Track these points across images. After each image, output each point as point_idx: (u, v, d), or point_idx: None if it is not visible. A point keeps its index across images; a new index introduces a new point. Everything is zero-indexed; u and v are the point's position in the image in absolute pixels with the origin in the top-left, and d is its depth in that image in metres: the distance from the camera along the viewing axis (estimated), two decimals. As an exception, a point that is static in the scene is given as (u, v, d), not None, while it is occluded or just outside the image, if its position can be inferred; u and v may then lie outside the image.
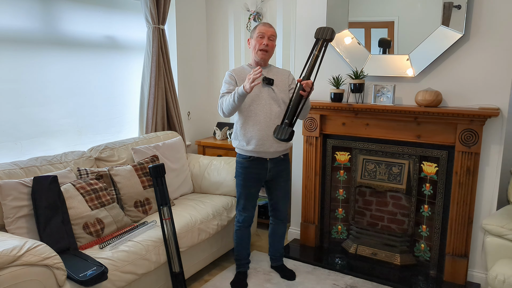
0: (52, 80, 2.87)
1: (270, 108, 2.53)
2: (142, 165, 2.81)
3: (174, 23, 3.71)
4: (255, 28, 2.56)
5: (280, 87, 2.59)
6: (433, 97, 2.59)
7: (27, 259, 1.75)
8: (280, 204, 2.76)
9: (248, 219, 2.71)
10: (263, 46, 2.51)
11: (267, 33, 2.52)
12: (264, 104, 2.53)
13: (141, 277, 2.29)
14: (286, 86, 2.62)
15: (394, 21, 2.78)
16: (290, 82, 2.65)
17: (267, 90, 2.55)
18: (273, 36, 2.55)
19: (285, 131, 2.32)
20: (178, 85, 3.81)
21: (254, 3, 3.77)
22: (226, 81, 2.58)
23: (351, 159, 3.10)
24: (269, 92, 2.55)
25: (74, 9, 2.97)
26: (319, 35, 2.35)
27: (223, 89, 2.57)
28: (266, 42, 2.51)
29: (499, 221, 2.29)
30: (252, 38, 2.57)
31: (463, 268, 2.69)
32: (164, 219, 2.40)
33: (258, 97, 2.53)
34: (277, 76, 2.60)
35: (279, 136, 2.33)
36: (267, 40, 2.52)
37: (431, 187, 2.82)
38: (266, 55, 2.54)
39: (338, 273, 2.88)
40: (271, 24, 2.64)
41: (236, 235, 2.76)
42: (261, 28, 2.53)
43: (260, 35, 2.52)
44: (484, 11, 2.51)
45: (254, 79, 2.27)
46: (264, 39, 2.51)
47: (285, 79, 2.62)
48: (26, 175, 2.33)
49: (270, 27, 2.55)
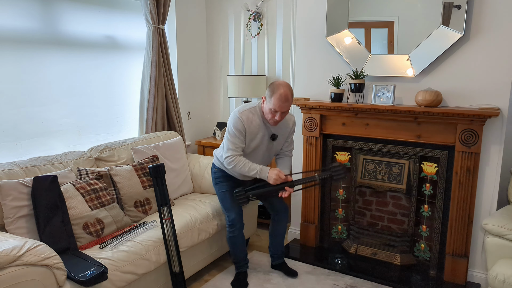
0: (52, 80, 2.87)
1: (263, 158, 2.67)
2: (142, 165, 2.81)
3: (174, 23, 3.71)
4: (271, 96, 2.41)
5: (280, 140, 2.68)
6: (433, 97, 2.59)
7: (27, 259, 1.75)
8: (275, 203, 2.77)
9: (237, 219, 2.64)
10: (274, 120, 2.49)
11: (281, 110, 2.43)
12: (261, 155, 2.65)
13: (141, 277, 2.29)
14: (286, 137, 2.71)
15: (394, 21, 2.78)
16: (290, 134, 2.71)
17: (267, 144, 2.63)
18: (288, 111, 2.49)
19: (244, 199, 2.50)
20: (178, 85, 3.81)
21: (254, 3, 3.77)
22: (237, 135, 2.49)
23: (351, 159, 3.10)
24: (268, 146, 2.64)
25: (74, 9, 2.97)
26: (332, 171, 2.51)
27: (233, 140, 2.50)
28: (278, 119, 2.47)
29: (499, 221, 2.29)
30: (266, 102, 2.47)
31: (463, 268, 2.69)
32: (164, 219, 2.40)
33: (258, 147, 2.61)
34: (281, 129, 2.65)
35: (237, 201, 2.50)
36: (280, 116, 2.46)
37: (431, 187, 2.82)
38: (277, 124, 2.56)
39: (338, 273, 2.88)
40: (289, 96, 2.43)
41: (230, 242, 2.71)
42: (276, 105, 2.40)
43: (274, 110, 2.44)
44: (484, 11, 2.51)
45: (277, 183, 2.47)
46: (277, 114, 2.45)
47: (287, 132, 2.68)
48: (26, 175, 2.32)
49: (287, 101, 2.41)
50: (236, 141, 2.51)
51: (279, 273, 2.87)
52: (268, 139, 2.61)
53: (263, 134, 2.57)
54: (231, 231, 2.67)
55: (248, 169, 2.51)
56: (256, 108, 2.56)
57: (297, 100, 3.07)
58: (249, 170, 2.51)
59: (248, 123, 2.50)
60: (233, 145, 2.51)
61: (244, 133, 2.51)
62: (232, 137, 2.51)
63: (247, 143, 2.55)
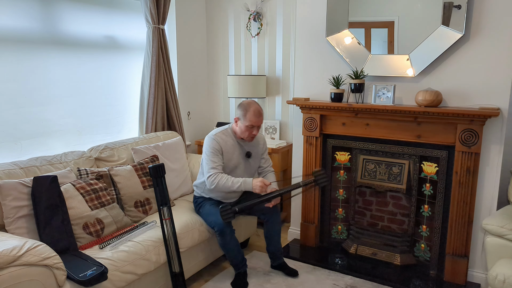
0: (52, 80, 2.87)
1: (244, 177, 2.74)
2: (142, 165, 2.81)
3: (174, 23, 3.71)
4: (245, 114, 2.62)
5: (255, 158, 2.85)
6: (433, 97, 2.59)
7: (27, 259, 1.75)
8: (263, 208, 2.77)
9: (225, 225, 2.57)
10: (252, 135, 2.68)
11: (257, 124, 2.64)
12: (241, 174, 2.75)
13: (141, 277, 2.29)
14: (260, 155, 2.88)
15: (394, 21, 2.78)
16: (263, 152, 2.90)
17: (244, 162, 2.77)
18: (261, 124, 2.69)
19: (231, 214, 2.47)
20: (178, 85, 3.81)
21: (254, 3, 3.77)
22: (214, 153, 2.63)
23: (351, 159, 3.10)
24: (246, 165, 2.78)
25: (74, 9, 2.97)
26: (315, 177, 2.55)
27: (212, 159, 2.62)
28: (255, 133, 2.68)
29: (499, 221, 2.29)
30: (241, 121, 2.66)
31: (463, 268, 2.69)
32: (164, 219, 2.40)
33: (237, 167, 2.75)
34: (254, 148, 2.83)
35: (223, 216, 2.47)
36: (256, 130, 2.67)
37: (431, 187, 2.82)
38: (253, 140, 2.75)
39: (338, 273, 2.88)
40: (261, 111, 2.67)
41: (224, 249, 2.66)
42: (252, 120, 2.61)
43: (251, 126, 2.63)
44: (484, 11, 2.51)
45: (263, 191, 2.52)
46: (253, 129, 2.65)
47: (260, 150, 2.87)
48: (26, 175, 2.32)
49: (261, 115, 2.65)
50: (215, 159, 2.63)
51: (279, 273, 2.87)
52: (244, 157, 2.77)
53: (238, 153, 2.74)
54: (222, 239, 2.60)
55: (231, 183, 2.58)
56: (228, 130, 2.76)
57: (297, 100, 3.07)
58: (232, 184, 2.57)
59: (223, 143, 2.67)
60: (213, 163, 2.62)
61: (221, 152, 2.66)
62: (211, 156, 2.63)
63: (226, 163, 2.69)
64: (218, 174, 2.60)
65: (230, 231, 2.61)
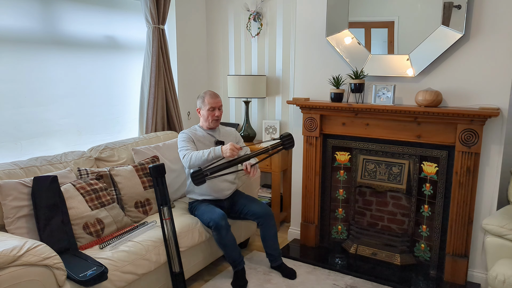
0: (52, 80, 2.87)
1: None
2: (142, 166, 2.81)
3: (174, 23, 3.71)
4: (203, 100, 2.80)
5: None
6: (433, 97, 2.59)
7: (27, 259, 1.75)
8: (253, 207, 2.79)
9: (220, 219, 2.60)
10: (215, 118, 2.81)
11: (217, 105, 2.80)
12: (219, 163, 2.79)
13: (141, 277, 2.28)
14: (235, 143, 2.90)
15: (394, 21, 2.78)
16: (237, 141, 2.97)
17: None
18: (221, 106, 2.84)
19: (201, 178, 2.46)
20: (178, 85, 3.81)
21: (254, 3, 3.77)
22: (186, 140, 2.75)
23: (351, 159, 3.10)
24: None
25: (74, 9, 2.97)
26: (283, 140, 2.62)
27: (183, 145, 2.73)
28: (217, 114, 2.81)
29: (499, 221, 2.29)
30: (202, 109, 2.82)
31: (463, 268, 2.69)
32: (164, 219, 2.40)
33: None
34: (226, 137, 2.92)
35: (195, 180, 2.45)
36: (218, 111, 2.81)
37: (431, 187, 2.82)
38: (218, 123, 2.86)
39: (338, 273, 2.88)
40: (217, 94, 2.84)
41: (221, 244, 2.65)
42: (211, 102, 2.78)
43: (211, 109, 2.78)
44: (484, 11, 2.51)
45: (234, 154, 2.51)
46: (215, 111, 2.80)
47: (233, 139, 2.95)
48: (26, 175, 2.32)
49: (217, 97, 2.82)
50: (188, 144, 2.73)
51: (278, 273, 2.87)
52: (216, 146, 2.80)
53: (209, 142, 2.84)
54: (218, 234, 2.60)
55: (202, 153, 2.60)
56: (195, 126, 2.91)
57: (297, 100, 3.07)
58: (203, 153, 2.59)
59: (193, 134, 2.81)
60: (186, 147, 2.72)
61: (193, 140, 2.77)
62: (184, 143, 2.74)
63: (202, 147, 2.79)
64: (190, 151, 2.68)
65: (226, 225, 2.61)
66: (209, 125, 2.83)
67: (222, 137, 2.91)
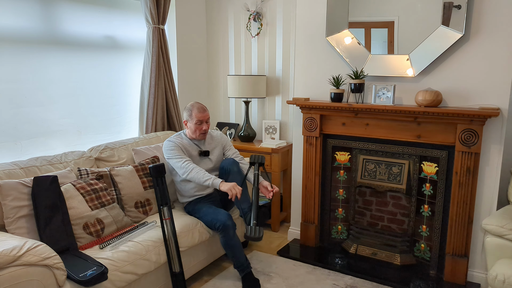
0: (52, 80, 2.87)
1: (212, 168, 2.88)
2: (143, 166, 2.81)
3: (174, 23, 3.72)
4: (191, 114, 2.77)
5: (216, 155, 2.92)
6: (433, 97, 2.59)
7: (27, 259, 1.75)
8: None
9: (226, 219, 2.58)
10: (203, 131, 2.79)
11: (204, 118, 2.77)
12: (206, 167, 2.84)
13: (141, 277, 2.29)
14: (221, 151, 2.97)
15: (394, 21, 2.78)
16: (224, 143, 2.98)
17: (204, 162, 2.85)
18: (209, 118, 2.82)
19: (257, 230, 2.48)
20: (178, 85, 3.81)
21: (254, 3, 3.77)
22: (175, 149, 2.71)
23: (351, 159, 3.10)
24: (206, 164, 2.85)
25: (74, 9, 2.97)
26: (254, 159, 2.74)
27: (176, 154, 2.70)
28: (205, 128, 2.79)
29: (499, 221, 2.29)
30: (189, 122, 2.79)
31: (463, 268, 2.69)
32: (164, 219, 2.41)
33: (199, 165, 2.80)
34: (211, 145, 2.92)
35: (255, 235, 2.45)
36: (205, 125, 2.79)
37: (431, 187, 2.82)
38: (206, 136, 2.85)
39: (338, 273, 2.88)
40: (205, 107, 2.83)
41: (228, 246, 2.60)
42: (198, 116, 2.75)
43: (199, 122, 2.76)
44: (484, 11, 2.51)
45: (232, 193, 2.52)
46: (202, 124, 2.78)
47: (219, 146, 2.95)
48: (26, 175, 2.33)
49: (205, 110, 2.80)
50: (179, 153, 2.71)
51: (279, 273, 2.87)
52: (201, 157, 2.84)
53: (194, 150, 2.82)
54: (226, 235, 2.57)
55: (203, 176, 2.61)
56: (181, 134, 2.87)
57: (297, 100, 3.07)
58: (203, 178, 2.61)
59: (179, 143, 2.77)
60: (180, 156, 2.70)
61: (180, 147, 2.74)
62: (174, 152, 2.70)
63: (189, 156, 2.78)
64: (189, 162, 2.67)
65: (233, 224, 2.61)
66: (197, 138, 2.83)
67: (208, 145, 2.90)
